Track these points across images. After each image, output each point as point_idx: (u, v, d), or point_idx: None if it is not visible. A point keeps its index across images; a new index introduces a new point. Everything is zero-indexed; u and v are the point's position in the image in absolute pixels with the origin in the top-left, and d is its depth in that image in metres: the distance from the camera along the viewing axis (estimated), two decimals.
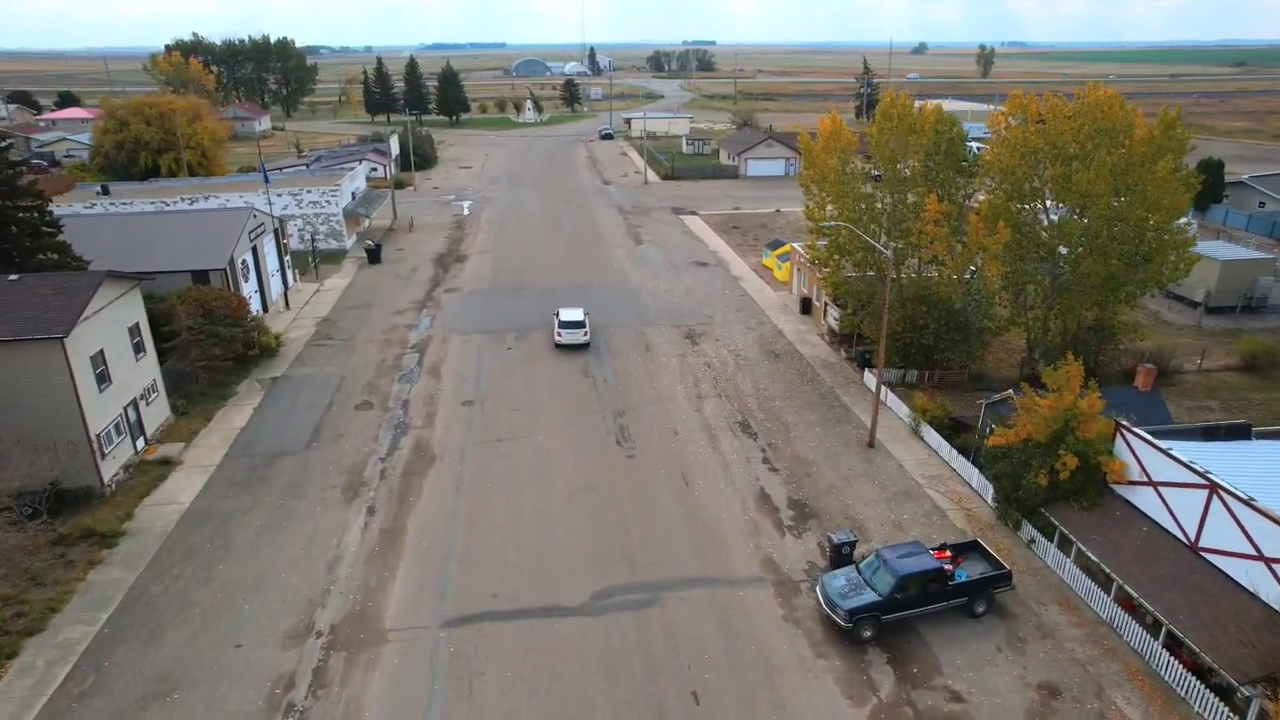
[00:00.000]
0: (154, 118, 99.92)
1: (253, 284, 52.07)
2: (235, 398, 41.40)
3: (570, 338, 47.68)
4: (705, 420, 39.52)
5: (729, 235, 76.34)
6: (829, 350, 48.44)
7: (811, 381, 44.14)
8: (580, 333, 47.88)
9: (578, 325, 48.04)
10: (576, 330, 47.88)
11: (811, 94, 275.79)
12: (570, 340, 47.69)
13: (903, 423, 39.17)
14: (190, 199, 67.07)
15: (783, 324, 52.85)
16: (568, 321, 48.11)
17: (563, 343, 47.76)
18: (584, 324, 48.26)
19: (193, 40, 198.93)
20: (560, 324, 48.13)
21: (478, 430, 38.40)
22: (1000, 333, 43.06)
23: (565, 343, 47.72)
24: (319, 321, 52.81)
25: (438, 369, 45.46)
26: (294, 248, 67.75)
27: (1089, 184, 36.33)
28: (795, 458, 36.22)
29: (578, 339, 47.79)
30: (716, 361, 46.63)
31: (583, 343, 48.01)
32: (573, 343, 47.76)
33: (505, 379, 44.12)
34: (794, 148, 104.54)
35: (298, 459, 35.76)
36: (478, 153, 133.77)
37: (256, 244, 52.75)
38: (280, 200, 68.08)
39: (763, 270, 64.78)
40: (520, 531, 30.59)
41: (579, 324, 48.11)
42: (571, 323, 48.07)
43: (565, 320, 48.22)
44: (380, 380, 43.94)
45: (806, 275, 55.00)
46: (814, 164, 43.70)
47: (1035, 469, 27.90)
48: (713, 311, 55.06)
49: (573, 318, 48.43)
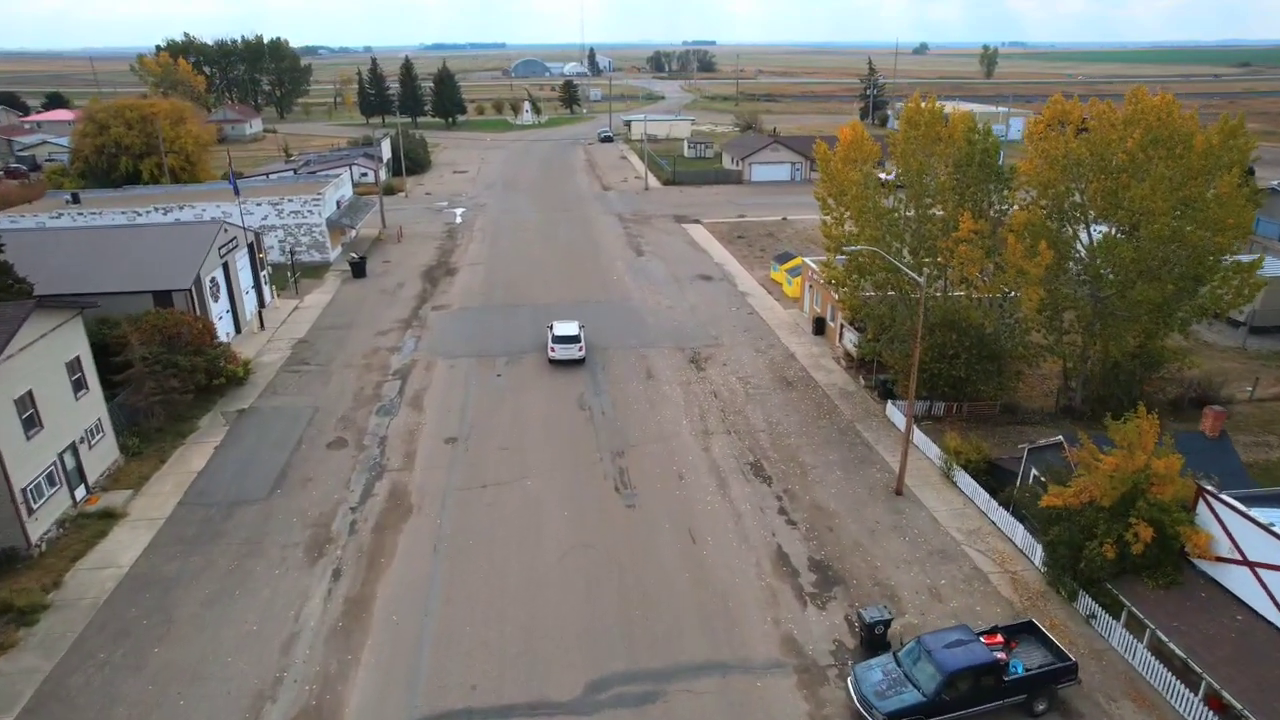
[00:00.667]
0: (135, 121, 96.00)
1: (223, 303, 48.26)
2: (196, 434, 37.56)
3: (565, 353, 44.94)
4: (713, 461, 35.70)
5: (734, 245, 72.52)
6: (846, 377, 44.61)
7: (829, 414, 40.31)
8: (575, 348, 45.10)
9: (572, 340, 45.26)
10: (571, 345, 45.11)
11: (814, 95, 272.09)
12: (565, 356, 44.95)
13: (932, 464, 35.36)
14: (165, 208, 63.22)
15: (795, 346, 49.02)
16: (562, 336, 45.35)
17: (557, 358, 45.04)
18: (579, 338, 45.47)
19: (184, 40, 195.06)
20: (554, 338, 45.37)
21: (461, 473, 34.57)
22: (1035, 362, 39.19)
23: (560, 358, 44.99)
24: (295, 343, 48.97)
25: (420, 399, 41.64)
26: (275, 259, 64.04)
27: (1143, 200, 32.52)
28: (815, 507, 32.39)
29: (572, 354, 45.05)
30: (724, 390, 42.82)
31: (578, 358, 45.18)
32: (567, 358, 44.96)
33: (493, 411, 40.29)
34: (800, 152, 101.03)
35: (259, 509, 31.92)
36: (473, 156, 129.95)
37: (228, 260, 48.96)
38: (259, 210, 64.31)
39: (771, 285, 60.98)
40: (504, 603, 26.77)
41: (574, 339, 45.32)
42: (566, 337, 45.28)
43: (559, 335, 45.45)
44: (357, 412, 40.12)
45: (819, 293, 51.21)
46: (832, 176, 39.90)
47: (1100, 538, 24.06)
48: (719, 332, 51.24)
49: (567, 332, 45.63)
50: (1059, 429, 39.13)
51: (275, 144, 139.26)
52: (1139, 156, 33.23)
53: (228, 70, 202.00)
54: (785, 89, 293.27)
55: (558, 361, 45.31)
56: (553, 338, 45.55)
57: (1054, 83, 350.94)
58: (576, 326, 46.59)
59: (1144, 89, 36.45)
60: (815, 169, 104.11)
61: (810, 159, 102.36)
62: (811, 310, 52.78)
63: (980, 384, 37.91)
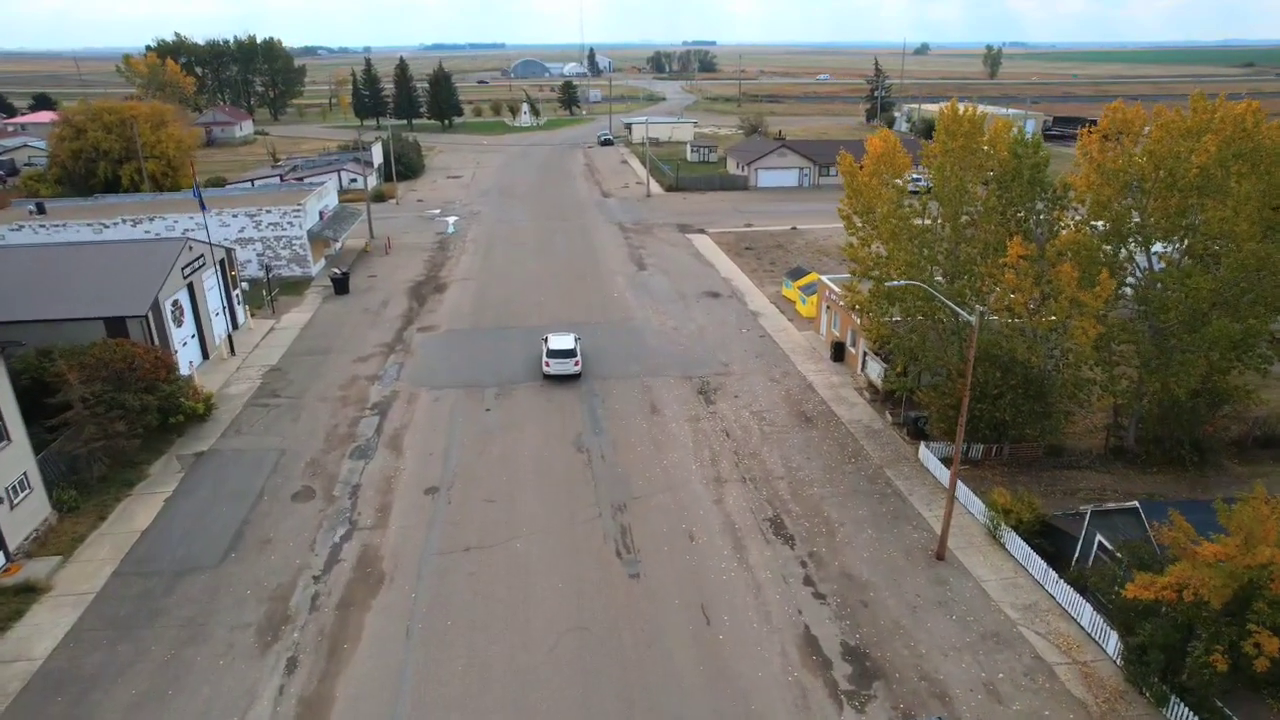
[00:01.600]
0: (114, 124, 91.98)
1: (188, 328, 44.12)
2: (145, 483, 33.42)
3: (560, 368, 42.90)
4: (728, 516, 31.55)
5: (742, 258, 68.36)
6: (871, 411, 40.45)
7: (854, 457, 36.15)
8: (570, 362, 42.96)
9: (568, 354, 43.09)
10: (567, 360, 42.96)
11: (817, 96, 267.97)
12: (560, 371, 42.90)
13: (975, 520, 31.23)
14: (134, 220, 59.12)
15: (812, 374, 44.86)
16: (557, 350, 43.18)
17: (552, 373, 42.92)
18: (575, 352, 43.24)
19: (175, 41, 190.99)
20: (549, 352, 43.25)
21: (441, 533, 30.42)
22: (1087, 401, 35.00)
23: (555, 373, 42.87)
24: (266, 372, 44.81)
25: (399, 439, 37.49)
26: (254, 274, 59.92)
27: (1222, 224, 28.39)
28: (845, 575, 28.24)
29: (568, 369, 42.92)
30: (737, 428, 38.67)
31: (574, 373, 43.01)
32: (563, 373, 42.87)
33: (481, 454, 36.13)
34: (809, 157, 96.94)
35: (207, 579, 27.77)
36: (468, 160, 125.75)
37: (194, 280, 44.82)
38: (236, 222, 60.17)
39: (783, 302, 56.83)
40: (486, 706, 22.62)
41: (569, 353, 43.13)
42: (561, 351, 43.14)
43: (555, 349, 43.28)
44: (328, 456, 35.97)
45: (838, 315, 47.07)
46: (859, 193, 35.73)
47: (1206, 643, 19.91)
48: (729, 357, 47.08)
49: (562, 345, 43.44)
50: (1110, 473, 35.20)
51: (268, 147, 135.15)
52: (1215, 172, 29.09)
53: (220, 71, 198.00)
54: (788, 90, 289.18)
55: (552, 377, 43.09)
56: (547, 352, 43.26)
57: (1058, 83, 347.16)
58: (573, 339, 44.08)
59: (1197, 94, 32.25)
60: (824, 174, 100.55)
61: (818, 164, 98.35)
62: (829, 333, 48.64)
63: (1027, 427, 33.75)
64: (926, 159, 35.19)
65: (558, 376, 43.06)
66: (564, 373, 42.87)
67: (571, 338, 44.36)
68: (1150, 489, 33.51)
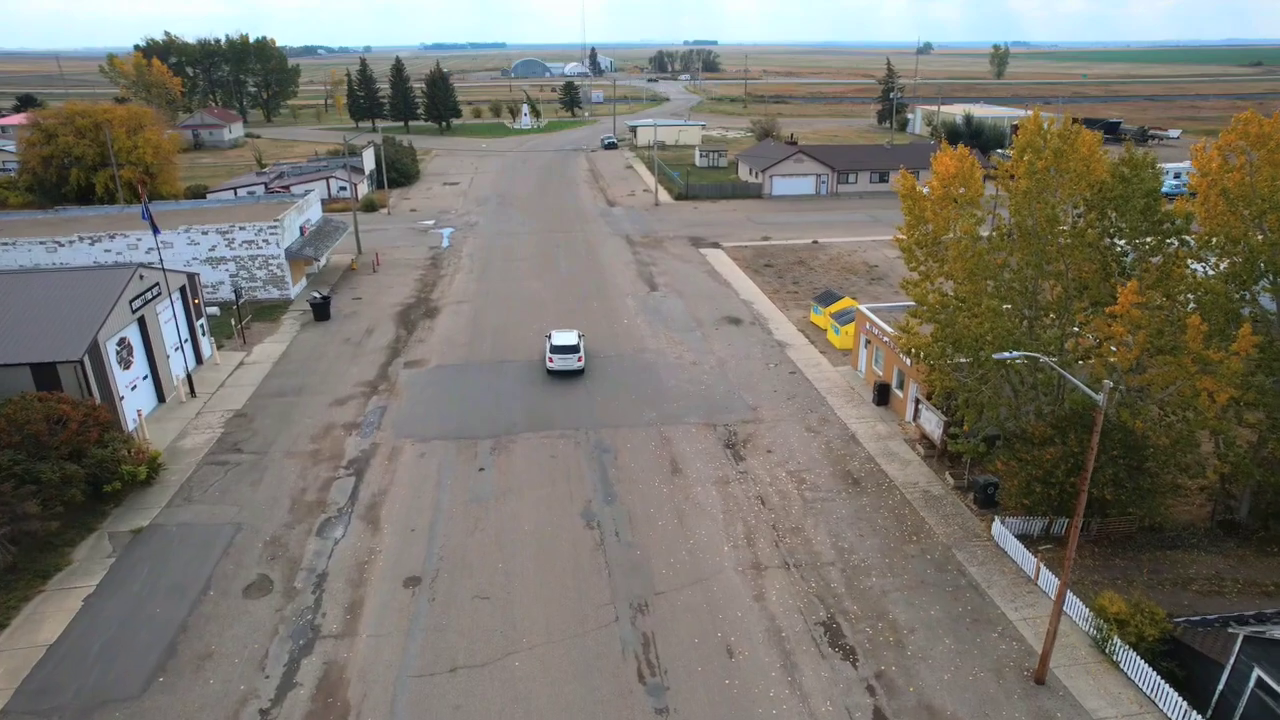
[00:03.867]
0: (87, 129, 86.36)
1: (138, 369, 38.47)
2: (64, 574, 27.73)
3: (563, 363, 43.37)
4: (772, 619, 25.87)
5: (762, 276, 62.67)
6: (927, 471, 34.75)
7: (915, 533, 30.46)
8: (574, 358, 43.49)
9: (571, 350, 43.53)
10: (570, 355, 43.47)
11: (823, 96, 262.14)
12: (563, 366, 43.40)
13: (1074, 624, 25.55)
14: (94, 237, 53.47)
15: (854, 422, 39.18)
16: (561, 346, 43.58)
17: (555, 368, 43.45)
18: (578, 348, 43.71)
19: (165, 40, 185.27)
20: (552, 348, 43.66)
21: (422, 645, 24.72)
22: (1199, 473, 29.25)
23: (558, 368, 43.42)
24: (229, 418, 39.14)
25: (377, 508, 31.81)
26: (226, 297, 54.27)
27: None
28: (926, 709, 22.54)
29: (571, 364, 43.43)
30: (774, 493, 32.98)
31: (577, 368, 43.57)
32: (566, 369, 43.40)
33: (472, 530, 30.43)
34: (826, 163, 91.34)
35: (124, 719, 22.10)
36: (466, 166, 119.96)
37: (146, 314, 39.14)
38: (206, 240, 54.47)
39: (812, 330, 51.14)
40: None
41: (573, 348, 43.57)
42: (565, 347, 43.56)
43: (558, 344, 43.68)
44: (292, 532, 30.30)
45: (881, 351, 41.40)
46: (921, 221, 29.98)
47: None
48: (757, 399, 41.39)
49: (566, 341, 43.77)
50: (1223, 555, 29.51)
51: (263, 150, 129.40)
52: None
53: (212, 71, 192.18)
54: (794, 90, 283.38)
55: (555, 372, 43.61)
56: (551, 347, 43.72)
57: (1067, 83, 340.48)
58: (575, 336, 44.47)
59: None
60: (843, 181, 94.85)
61: (837, 170, 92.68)
62: (870, 371, 42.96)
63: (1131, 505, 28.04)
64: (1002, 181, 29.41)
65: (561, 372, 43.53)
66: (567, 368, 43.26)
67: (575, 334, 44.56)
68: (1278, 577, 27.91)
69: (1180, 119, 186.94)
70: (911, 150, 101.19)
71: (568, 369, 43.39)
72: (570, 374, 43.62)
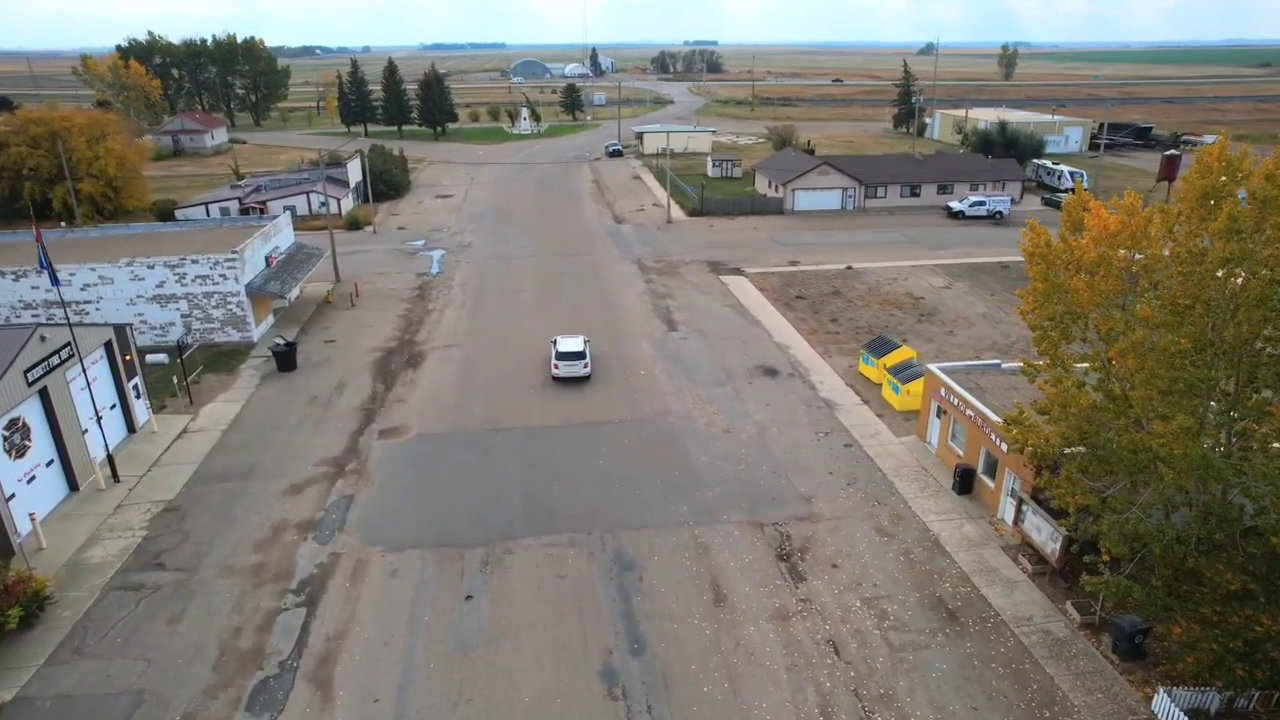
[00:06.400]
0: (42, 138, 78.68)
1: (39, 453, 30.74)
2: None
3: (569, 370, 42.82)
4: None
5: (794, 311, 54.98)
6: (1039, 597, 27.02)
7: (1046, 703, 22.72)
8: (580, 364, 42.95)
9: (577, 356, 43.06)
10: (576, 362, 42.96)
11: (832, 99, 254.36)
12: (569, 373, 42.78)
13: None
14: (17, 272, 45.79)
15: (934, 518, 31.47)
16: (566, 353, 43.10)
17: (560, 375, 42.77)
18: (584, 354, 43.23)
19: (149, 40, 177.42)
20: (558, 354, 43.07)
21: None
22: None
23: (564, 375, 42.77)
24: (156, 515, 31.39)
25: (330, 663, 24.06)
26: (179, 338, 46.58)
27: None
28: None
29: (577, 371, 42.91)
30: (848, 633, 25.27)
31: (583, 375, 42.97)
32: (571, 375, 42.78)
33: (455, 704, 22.67)
34: (853, 175, 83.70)
35: None
36: (461, 176, 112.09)
37: (50, 383, 31.37)
38: (152, 275, 46.71)
39: (861, 382, 43.49)
40: None
41: (579, 354, 43.12)
42: (570, 354, 43.08)
43: (563, 351, 43.20)
44: (214, 704, 22.55)
45: (962, 426, 33.69)
46: (1061, 293, 22.13)
47: None
48: (811, 484, 33.69)
49: (571, 348, 43.37)
50: None
51: (247, 157, 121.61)
52: None
53: (198, 73, 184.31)
54: (800, 91, 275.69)
55: (560, 378, 42.80)
56: (556, 354, 43.12)
57: (1078, 84, 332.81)
58: (582, 342, 44.17)
59: None
60: (871, 195, 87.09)
61: (865, 183, 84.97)
62: (944, 448, 35.23)
63: None
64: (1179, 235, 21.58)
65: (566, 379, 42.88)
66: (573, 375, 42.76)
67: (581, 340, 44.30)
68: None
69: (1206, 123, 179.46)
70: (944, 161, 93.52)
71: (574, 375, 42.67)
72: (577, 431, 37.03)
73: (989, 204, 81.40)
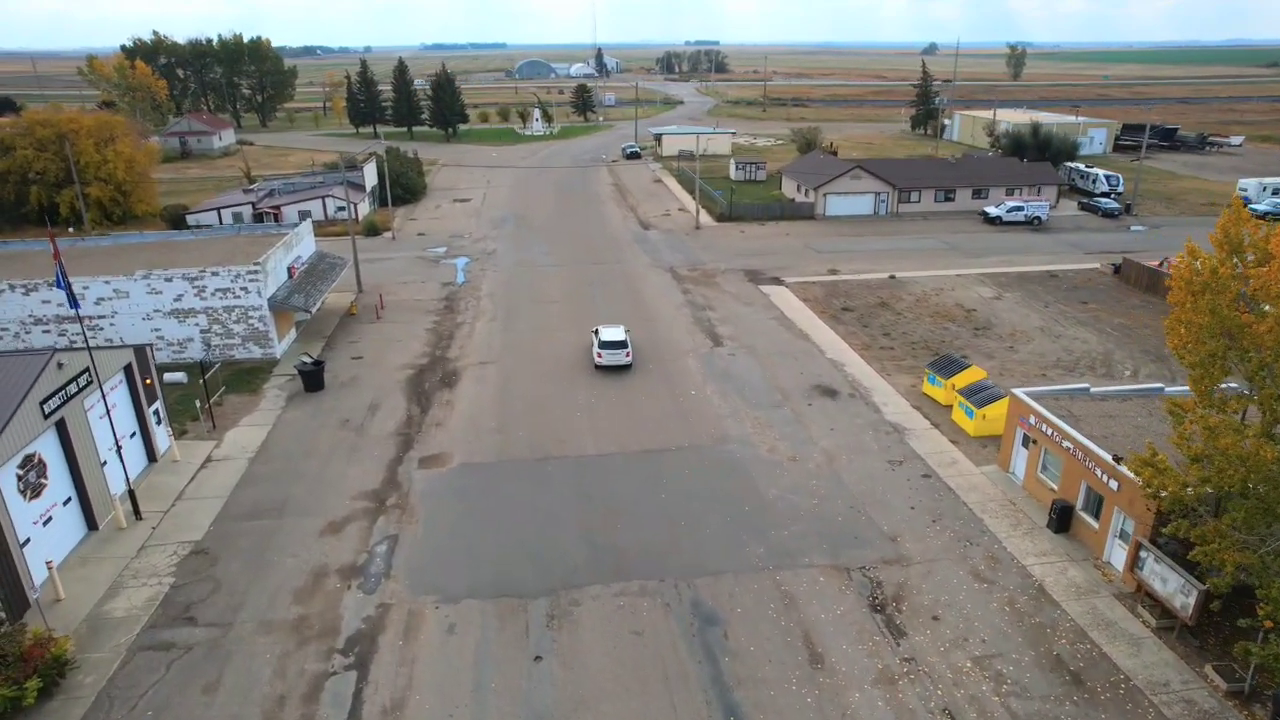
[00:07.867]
0: (49, 141, 75.98)
1: (56, 492, 28.04)
2: None
3: (612, 358, 43.94)
4: None
5: (843, 324, 52.24)
6: (1171, 656, 24.28)
7: None
8: (622, 353, 44.10)
9: (619, 345, 44.17)
10: (619, 351, 44.07)
11: (841, 99, 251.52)
12: (612, 361, 43.92)
13: None
14: (27, 285, 43.06)
15: (1032, 561, 28.74)
16: (609, 342, 44.27)
17: (604, 364, 43.99)
18: (626, 344, 44.36)
19: (153, 40, 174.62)
20: (600, 344, 44.30)
21: None
22: None
23: (607, 364, 43.96)
24: (183, 559, 28.67)
25: None
26: (197, 356, 43.95)
27: None
28: None
29: (620, 360, 44.01)
30: (964, 700, 22.54)
31: (625, 364, 44.17)
32: (615, 364, 43.95)
33: None
34: (887, 180, 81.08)
35: None
36: (477, 179, 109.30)
37: (67, 414, 28.66)
38: (170, 288, 44.02)
39: (927, 403, 40.78)
40: None
41: (621, 344, 44.21)
42: (613, 343, 44.23)
43: (606, 340, 44.40)
44: None
45: (1057, 458, 30.95)
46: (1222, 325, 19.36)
47: None
48: (893, 522, 30.95)
49: (614, 338, 44.56)
50: None
51: (253, 159, 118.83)
52: None
53: (204, 73, 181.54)
54: (810, 92, 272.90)
55: (603, 367, 44.10)
56: (599, 343, 44.31)
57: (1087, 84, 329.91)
58: (623, 331, 45.43)
59: None
60: (905, 200, 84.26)
61: (899, 188, 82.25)
62: (1033, 480, 32.47)
63: None
64: None
65: (610, 367, 44.04)
66: (616, 363, 43.86)
67: (622, 329, 45.57)
68: None
69: (1226, 123, 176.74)
70: (977, 165, 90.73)
71: (617, 364, 43.84)
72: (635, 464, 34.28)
73: (1027, 209, 78.61)
